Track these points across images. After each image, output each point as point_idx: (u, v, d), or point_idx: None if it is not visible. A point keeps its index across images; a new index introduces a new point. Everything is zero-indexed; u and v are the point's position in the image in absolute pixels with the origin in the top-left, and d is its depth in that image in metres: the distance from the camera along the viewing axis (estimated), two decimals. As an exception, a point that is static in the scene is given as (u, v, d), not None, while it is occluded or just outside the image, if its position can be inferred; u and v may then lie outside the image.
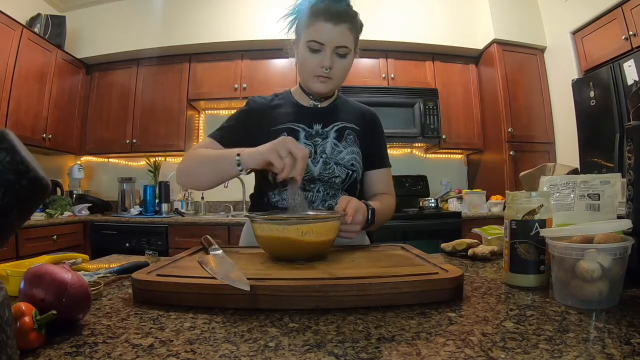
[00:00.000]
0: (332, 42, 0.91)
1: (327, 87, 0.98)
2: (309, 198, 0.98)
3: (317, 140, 1.00)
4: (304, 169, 0.77)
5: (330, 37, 0.91)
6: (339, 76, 0.98)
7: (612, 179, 0.75)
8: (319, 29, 0.91)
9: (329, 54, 0.92)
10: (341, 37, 0.92)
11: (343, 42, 0.92)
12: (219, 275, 0.56)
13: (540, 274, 0.63)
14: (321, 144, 1.00)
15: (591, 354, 0.37)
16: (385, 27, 3.04)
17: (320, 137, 1.01)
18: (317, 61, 0.93)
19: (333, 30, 0.91)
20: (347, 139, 1.02)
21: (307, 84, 1.00)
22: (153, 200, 2.97)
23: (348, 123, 1.04)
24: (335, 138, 1.01)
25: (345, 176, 1.00)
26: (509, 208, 0.67)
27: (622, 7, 2.31)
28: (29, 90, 2.66)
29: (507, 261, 0.66)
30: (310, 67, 0.95)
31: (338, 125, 1.03)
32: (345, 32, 0.92)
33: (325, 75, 0.95)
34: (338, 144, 1.01)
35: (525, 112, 2.99)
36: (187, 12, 3.10)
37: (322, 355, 0.38)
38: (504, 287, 0.65)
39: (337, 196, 0.99)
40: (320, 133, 1.01)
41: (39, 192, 0.29)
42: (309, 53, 0.94)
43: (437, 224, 2.62)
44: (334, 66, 0.94)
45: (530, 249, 0.63)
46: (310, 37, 0.92)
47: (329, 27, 0.90)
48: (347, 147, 1.01)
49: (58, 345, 0.41)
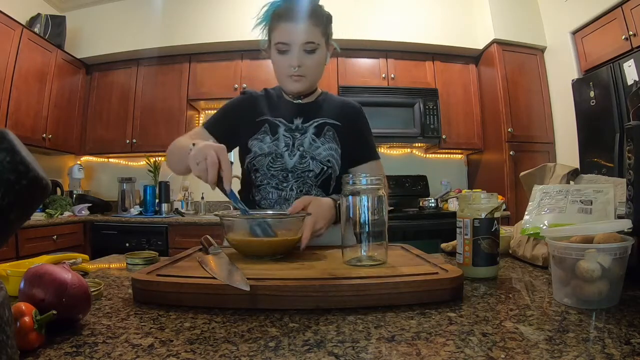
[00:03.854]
0: (297, 40, 0.94)
1: (302, 85, 1.00)
2: (282, 196, 1.00)
3: (296, 135, 1.02)
4: (230, 176, 0.76)
5: (294, 36, 0.93)
6: (312, 72, 0.99)
7: (606, 188, 0.76)
8: (282, 30, 0.94)
9: (296, 53, 0.94)
10: (305, 34, 0.94)
11: (308, 38, 0.94)
12: (219, 275, 0.56)
13: (497, 265, 0.71)
14: (299, 138, 1.02)
15: (591, 354, 0.37)
16: (385, 27, 3.04)
17: (299, 132, 1.03)
18: (287, 62, 0.96)
19: (296, 28, 0.93)
20: (326, 135, 1.03)
21: (283, 85, 1.03)
22: (153, 200, 2.97)
23: (329, 119, 1.05)
24: (314, 134, 1.03)
25: (319, 171, 1.01)
26: (468, 208, 0.70)
27: (622, 7, 2.30)
28: (29, 90, 2.65)
29: (468, 257, 0.70)
30: (282, 68, 0.98)
31: (318, 121, 1.04)
32: (310, 28, 0.94)
33: (297, 74, 0.97)
34: (316, 140, 1.02)
35: (525, 112, 2.99)
36: (187, 12, 3.10)
37: (322, 355, 0.38)
38: (504, 286, 0.65)
39: (311, 192, 1.01)
40: (299, 128, 1.03)
41: (39, 192, 0.29)
42: (278, 55, 0.97)
43: (437, 224, 2.62)
44: (304, 64, 0.96)
45: (492, 243, 0.69)
46: (276, 39, 0.95)
47: (291, 27, 0.93)
48: (326, 143, 1.03)
49: (58, 345, 0.41)
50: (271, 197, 1.01)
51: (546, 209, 0.81)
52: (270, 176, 1.00)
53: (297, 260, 0.73)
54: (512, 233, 0.95)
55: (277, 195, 1.01)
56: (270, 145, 1.01)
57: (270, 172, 1.00)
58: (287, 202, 1.00)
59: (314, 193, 1.01)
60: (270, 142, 1.01)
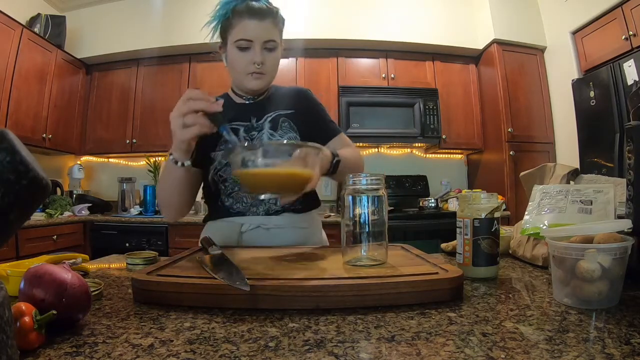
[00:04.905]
0: (259, 37, 0.93)
1: (262, 83, 0.99)
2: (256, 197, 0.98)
3: (254, 134, 1.01)
4: (203, 103, 0.73)
5: (257, 33, 0.93)
6: (272, 70, 0.99)
7: (606, 188, 0.76)
8: (245, 27, 0.93)
9: (259, 50, 0.94)
10: (267, 32, 0.94)
11: (270, 36, 0.94)
12: (219, 275, 0.56)
13: (497, 265, 0.71)
14: (258, 136, 1.01)
15: (591, 354, 0.37)
16: (385, 27, 3.04)
17: (256, 130, 1.02)
18: (248, 58, 0.95)
19: (259, 26, 0.93)
20: (282, 127, 1.03)
21: (242, 83, 1.01)
22: (153, 200, 2.97)
23: (281, 110, 1.04)
24: (270, 128, 1.02)
25: None
26: (468, 208, 0.70)
27: (622, 7, 2.31)
28: (29, 90, 2.65)
29: (468, 257, 0.70)
30: (242, 65, 0.96)
31: (271, 115, 1.03)
32: (270, 26, 0.95)
33: (259, 71, 0.96)
34: (274, 134, 1.02)
35: (525, 112, 2.99)
36: (187, 12, 3.09)
37: (322, 355, 0.38)
38: (504, 286, 0.65)
39: None
40: (255, 126, 1.02)
41: (39, 192, 0.29)
42: (238, 52, 0.95)
43: (437, 224, 2.62)
44: (265, 61, 0.96)
45: (492, 243, 0.69)
46: (238, 36, 0.94)
47: (254, 24, 0.93)
48: (284, 135, 1.02)
49: (58, 345, 0.41)
50: (245, 200, 1.00)
51: (546, 209, 0.81)
52: None
53: (297, 260, 0.73)
54: (512, 233, 0.95)
55: (251, 197, 0.99)
56: None
57: None
58: (262, 202, 0.99)
59: None
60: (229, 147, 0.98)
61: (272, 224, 0.99)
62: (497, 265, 0.71)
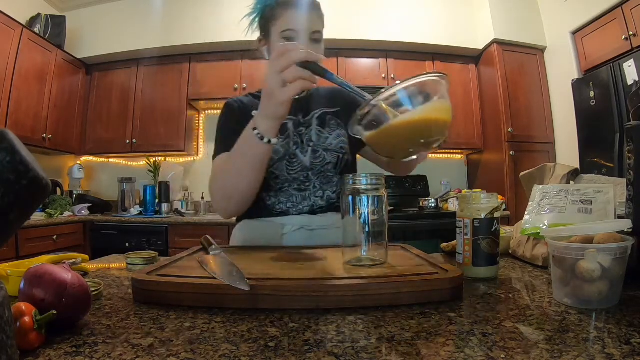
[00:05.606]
0: (307, 27, 0.91)
1: None
2: (304, 196, 0.97)
3: (302, 130, 1.00)
4: (303, 52, 0.64)
5: (304, 23, 0.91)
6: None
7: (606, 188, 0.76)
8: (291, 17, 0.91)
9: (306, 41, 0.91)
10: (314, 23, 0.92)
11: (316, 27, 0.93)
12: (219, 275, 0.56)
13: (497, 265, 0.70)
14: (306, 132, 1.00)
15: (591, 354, 0.37)
16: (385, 27, 3.04)
17: (304, 126, 1.00)
18: None
19: (305, 16, 0.91)
20: (329, 124, 1.02)
21: None
22: (153, 200, 2.97)
23: (327, 108, 1.03)
24: (318, 125, 1.01)
25: (336, 160, 0.99)
26: (468, 208, 0.70)
27: (622, 7, 2.31)
28: (29, 90, 2.66)
29: (468, 257, 0.70)
30: None
31: (317, 112, 1.02)
32: (316, 17, 0.93)
33: None
34: (322, 131, 1.01)
35: (525, 112, 2.99)
36: (187, 12, 3.10)
37: (322, 355, 0.38)
38: (504, 286, 0.65)
39: (332, 182, 0.99)
40: (303, 122, 1.01)
41: (39, 192, 0.29)
42: None
43: (437, 224, 2.62)
44: None
45: (492, 243, 0.69)
46: (284, 27, 0.91)
47: (301, 14, 0.91)
48: (332, 132, 1.01)
49: (58, 345, 0.41)
50: (294, 199, 0.97)
51: (546, 209, 0.81)
52: (292, 179, 0.97)
53: (297, 260, 0.73)
54: (512, 233, 0.95)
55: (302, 198, 0.97)
56: (283, 145, 0.97)
57: (292, 175, 0.96)
58: (308, 200, 0.98)
59: (335, 182, 0.99)
60: (281, 143, 0.96)
61: (316, 224, 0.96)
62: (497, 265, 0.71)
